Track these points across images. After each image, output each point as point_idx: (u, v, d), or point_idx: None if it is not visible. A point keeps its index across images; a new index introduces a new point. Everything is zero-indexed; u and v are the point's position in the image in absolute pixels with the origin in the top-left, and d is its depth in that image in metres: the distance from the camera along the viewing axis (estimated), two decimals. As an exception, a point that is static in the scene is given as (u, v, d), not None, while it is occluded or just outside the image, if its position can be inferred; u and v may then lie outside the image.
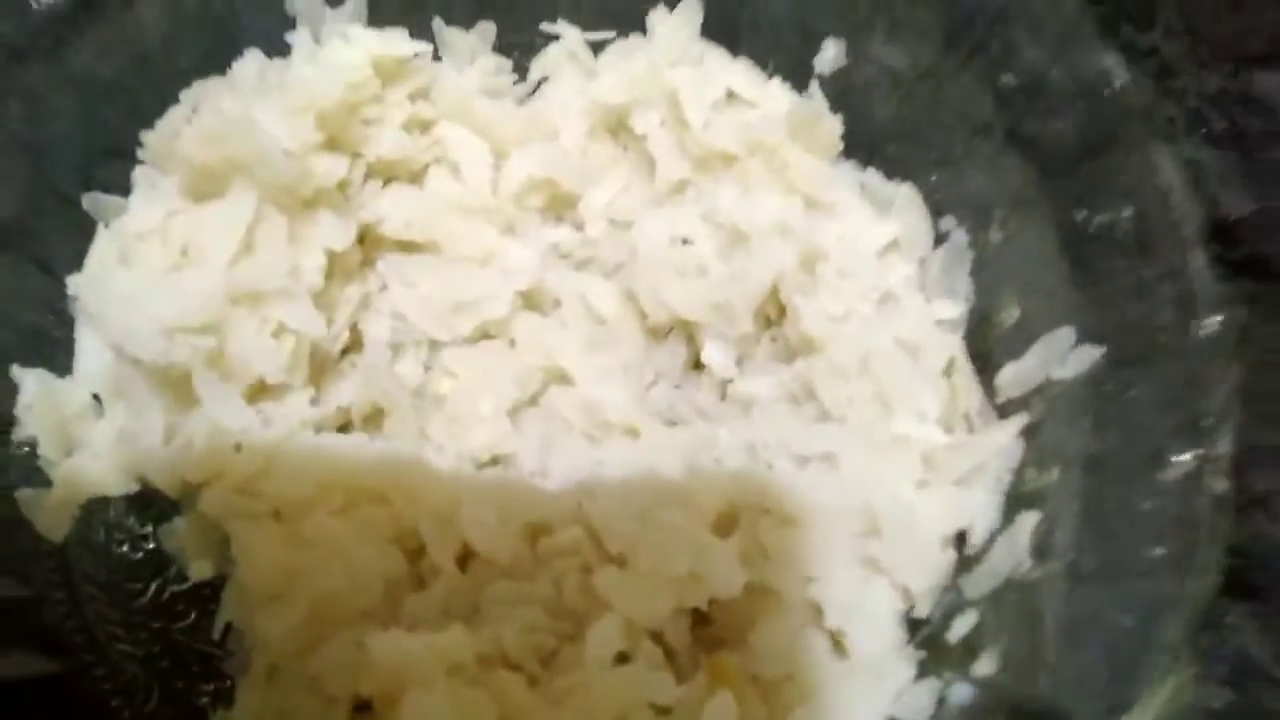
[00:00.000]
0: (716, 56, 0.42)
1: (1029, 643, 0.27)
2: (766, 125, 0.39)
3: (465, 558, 0.32)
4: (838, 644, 0.30)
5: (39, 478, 0.34)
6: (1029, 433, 0.31)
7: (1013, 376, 0.33)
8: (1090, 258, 0.32)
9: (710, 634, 0.31)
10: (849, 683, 0.29)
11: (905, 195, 0.38)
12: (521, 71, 0.45)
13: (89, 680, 0.32)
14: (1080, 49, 0.33)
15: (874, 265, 0.37)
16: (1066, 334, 0.31)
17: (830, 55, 0.40)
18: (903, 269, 0.37)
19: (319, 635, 0.30)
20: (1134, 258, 0.31)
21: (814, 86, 0.40)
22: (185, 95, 0.37)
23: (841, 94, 0.40)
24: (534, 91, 0.44)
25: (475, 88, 0.42)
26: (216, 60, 0.39)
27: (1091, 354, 0.30)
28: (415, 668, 0.27)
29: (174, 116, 0.36)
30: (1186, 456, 0.27)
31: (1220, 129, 0.55)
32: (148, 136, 0.36)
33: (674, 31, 0.42)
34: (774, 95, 0.41)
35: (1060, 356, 0.31)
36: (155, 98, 0.38)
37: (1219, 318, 0.28)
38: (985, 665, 0.28)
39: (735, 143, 0.39)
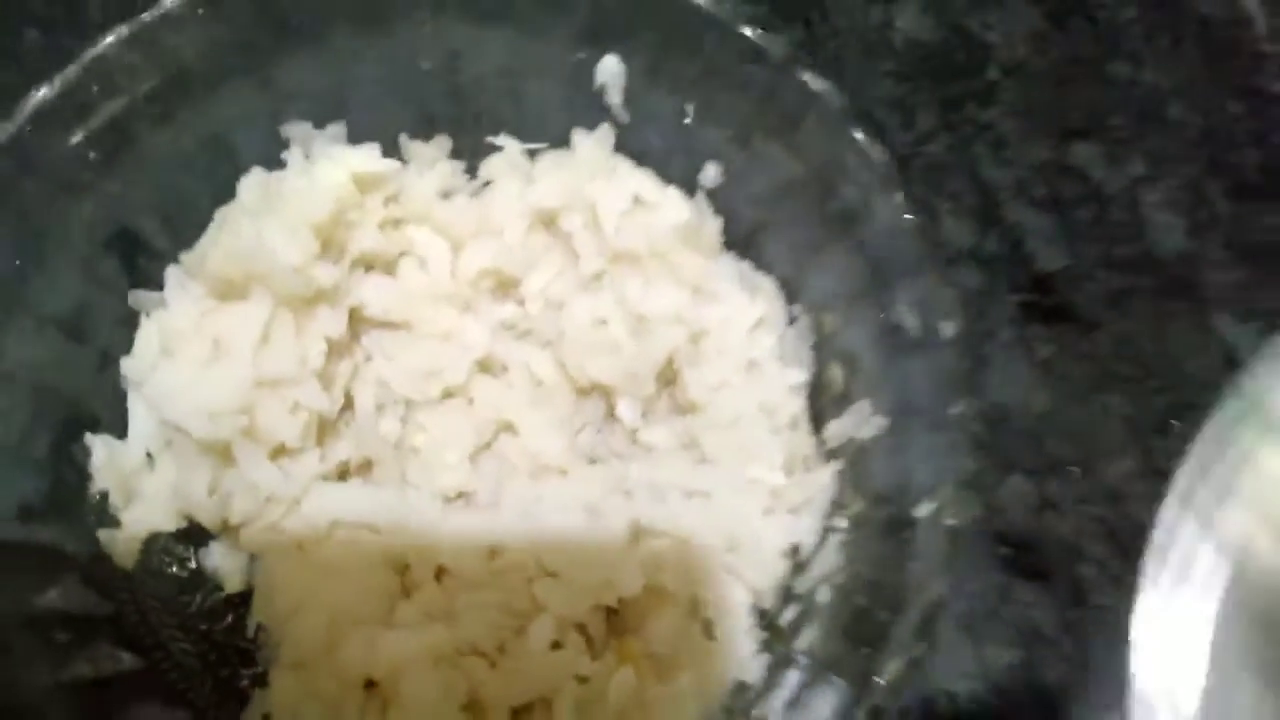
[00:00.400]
0: (627, 168, 0.53)
1: (833, 626, 0.40)
2: (663, 231, 0.50)
3: (440, 574, 0.44)
4: (707, 629, 0.43)
5: (111, 520, 0.45)
6: (842, 475, 0.44)
7: (834, 432, 0.46)
8: (893, 349, 0.45)
9: (619, 623, 0.44)
10: (713, 656, 0.42)
11: (768, 284, 0.51)
12: (473, 170, 0.55)
13: (159, 672, 0.43)
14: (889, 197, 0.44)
15: (744, 340, 0.49)
16: (867, 405, 0.44)
17: (711, 174, 0.52)
18: (766, 342, 0.50)
19: (336, 635, 0.42)
20: (912, 350, 0.43)
21: (700, 196, 0.52)
22: (212, 221, 0.47)
23: (723, 201, 0.53)
24: (483, 187, 0.55)
25: (434, 189, 0.53)
26: (222, 176, 0.50)
27: (881, 422, 0.43)
28: (410, 658, 0.39)
29: (204, 240, 0.47)
30: (927, 509, 0.39)
31: (1040, 194, 0.69)
32: (184, 256, 0.46)
33: (593, 148, 0.53)
34: (672, 199, 0.52)
35: (862, 421, 0.44)
36: (175, 207, 0.49)
37: (961, 407, 0.40)
38: (803, 641, 0.40)
39: (639, 244, 0.50)
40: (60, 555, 0.42)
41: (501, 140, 0.54)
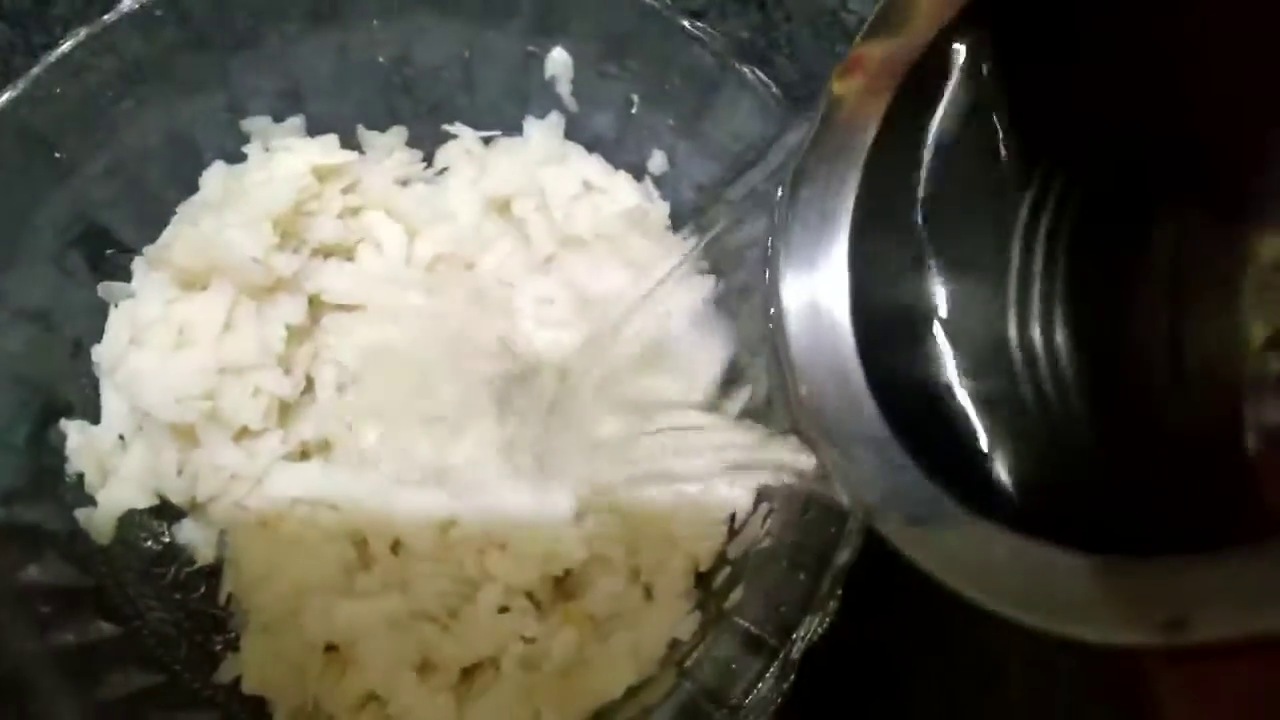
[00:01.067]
0: (578, 154, 0.56)
1: (759, 587, 0.44)
2: (610, 216, 0.53)
3: (396, 547, 0.47)
4: (647, 592, 0.46)
5: (88, 500, 0.48)
6: (773, 450, 0.47)
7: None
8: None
9: (564, 589, 0.47)
10: (651, 617, 0.45)
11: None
12: (429, 159, 0.58)
13: (138, 639, 0.47)
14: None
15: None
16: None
17: (658, 160, 0.54)
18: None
19: (298, 604, 0.45)
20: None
21: (647, 181, 0.55)
22: (175, 215, 0.50)
23: (670, 186, 0.55)
24: (439, 174, 0.58)
25: (391, 178, 0.56)
26: (185, 171, 0.52)
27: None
28: (367, 623, 0.43)
29: (167, 233, 0.49)
30: None
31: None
32: (148, 249, 0.49)
33: (544, 136, 0.55)
34: (620, 184, 0.55)
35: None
36: (140, 200, 0.52)
37: None
38: (732, 601, 0.44)
39: (587, 229, 0.53)
40: (41, 534, 0.45)
41: (456, 129, 0.56)
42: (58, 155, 0.47)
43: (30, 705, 0.40)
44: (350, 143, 0.55)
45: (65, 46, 0.46)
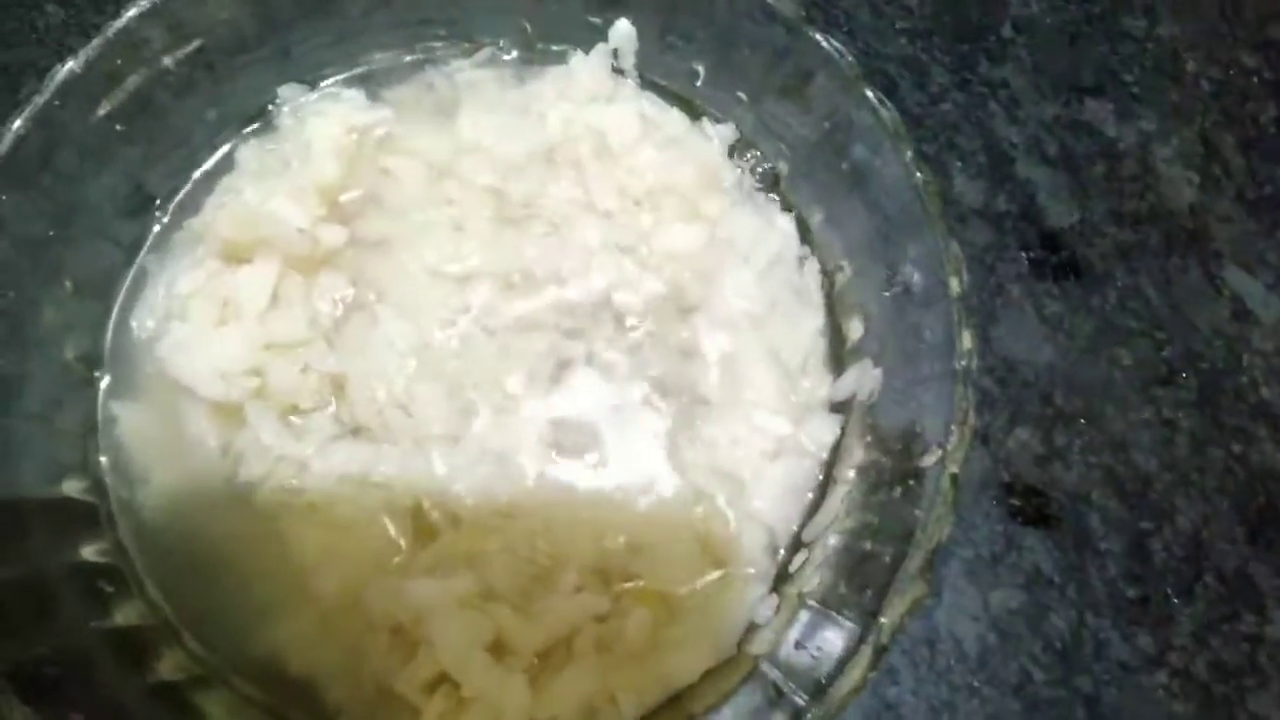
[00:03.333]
0: (628, 88, 0.55)
1: (839, 569, 0.43)
2: (680, 170, 0.53)
3: (456, 523, 0.47)
4: (720, 570, 0.46)
5: (140, 478, 0.48)
6: (850, 425, 0.47)
7: (844, 383, 0.49)
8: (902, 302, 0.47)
9: (634, 568, 0.47)
10: (726, 598, 0.45)
11: (786, 224, 0.53)
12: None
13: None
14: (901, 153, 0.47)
15: (756, 283, 0.51)
16: (869, 362, 0.47)
17: (724, 132, 0.54)
18: (777, 285, 0.52)
19: (359, 585, 0.45)
20: (920, 304, 0.46)
21: (715, 141, 0.55)
22: (217, 187, 0.50)
23: (737, 158, 0.55)
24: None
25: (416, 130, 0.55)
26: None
27: (879, 375, 0.46)
28: (437, 602, 0.42)
29: (209, 206, 0.50)
30: (932, 458, 0.42)
31: (1052, 151, 0.71)
32: (191, 221, 0.49)
33: (592, 70, 0.55)
34: (675, 120, 0.55)
35: (864, 375, 0.47)
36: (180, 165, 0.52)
37: (965, 360, 0.43)
38: (811, 584, 0.44)
39: (655, 180, 0.53)
40: (95, 512, 0.45)
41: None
42: (117, 127, 0.47)
43: (93, 684, 0.40)
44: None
45: (125, 19, 0.46)
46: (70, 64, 0.45)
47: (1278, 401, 0.63)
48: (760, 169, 0.55)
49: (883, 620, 0.39)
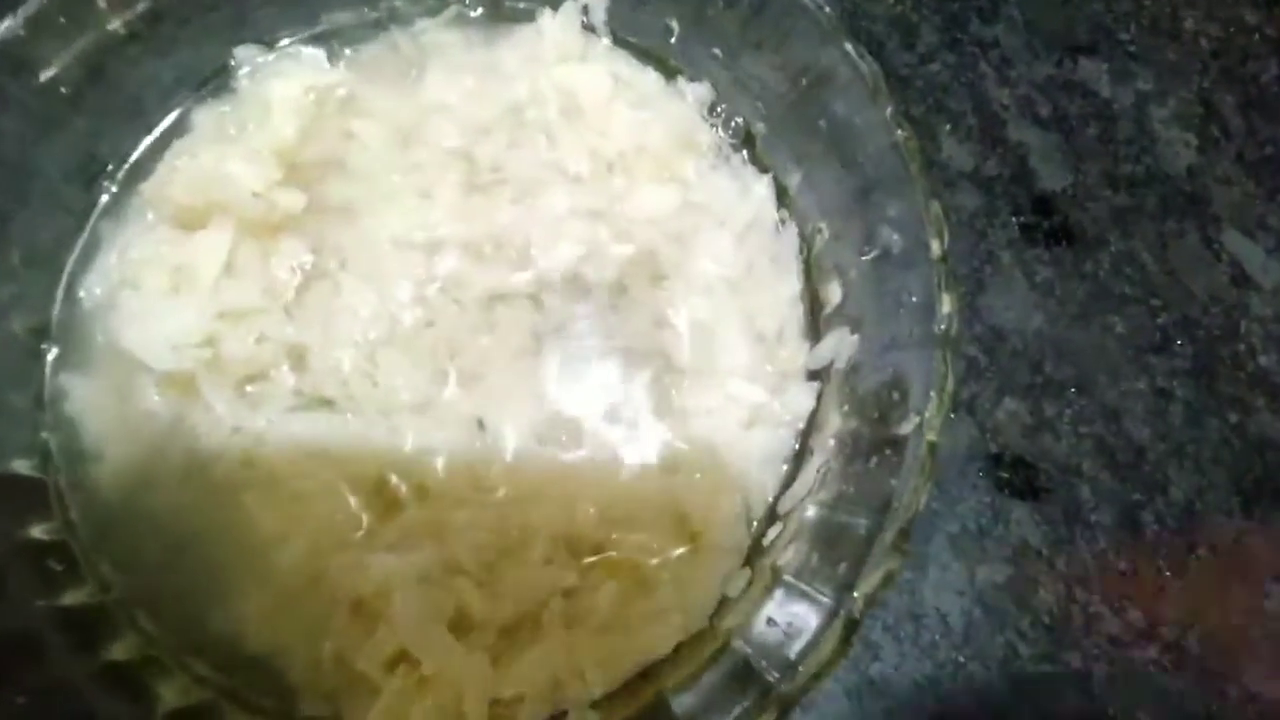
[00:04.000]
0: (600, 47, 0.53)
1: (814, 541, 0.42)
2: (653, 131, 0.51)
3: (422, 495, 0.45)
4: (694, 543, 0.45)
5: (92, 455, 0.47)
6: (827, 393, 0.46)
7: (821, 350, 0.47)
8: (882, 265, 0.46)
9: (604, 539, 0.46)
10: (698, 571, 0.44)
11: (763, 187, 0.51)
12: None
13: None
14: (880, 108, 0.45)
15: (733, 247, 0.50)
16: (846, 330, 0.45)
17: (700, 90, 0.53)
18: (752, 251, 0.50)
19: (320, 559, 0.44)
20: (901, 267, 0.44)
21: (690, 99, 0.53)
22: (168, 153, 0.48)
23: (713, 115, 0.53)
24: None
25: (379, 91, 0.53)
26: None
27: (856, 342, 0.44)
28: (398, 577, 0.41)
29: (162, 170, 0.48)
30: (911, 425, 0.40)
31: (1045, 112, 0.69)
32: (143, 186, 0.48)
33: (560, 28, 0.53)
34: (648, 79, 0.53)
35: (841, 342, 0.45)
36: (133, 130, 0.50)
37: (945, 323, 0.41)
38: (785, 557, 0.42)
39: (628, 142, 0.51)
40: (44, 489, 0.44)
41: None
42: (63, 90, 0.46)
43: (42, 664, 0.38)
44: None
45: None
46: (8, 21, 0.43)
47: (1276, 369, 0.61)
48: (734, 123, 0.53)
49: (855, 594, 0.38)
